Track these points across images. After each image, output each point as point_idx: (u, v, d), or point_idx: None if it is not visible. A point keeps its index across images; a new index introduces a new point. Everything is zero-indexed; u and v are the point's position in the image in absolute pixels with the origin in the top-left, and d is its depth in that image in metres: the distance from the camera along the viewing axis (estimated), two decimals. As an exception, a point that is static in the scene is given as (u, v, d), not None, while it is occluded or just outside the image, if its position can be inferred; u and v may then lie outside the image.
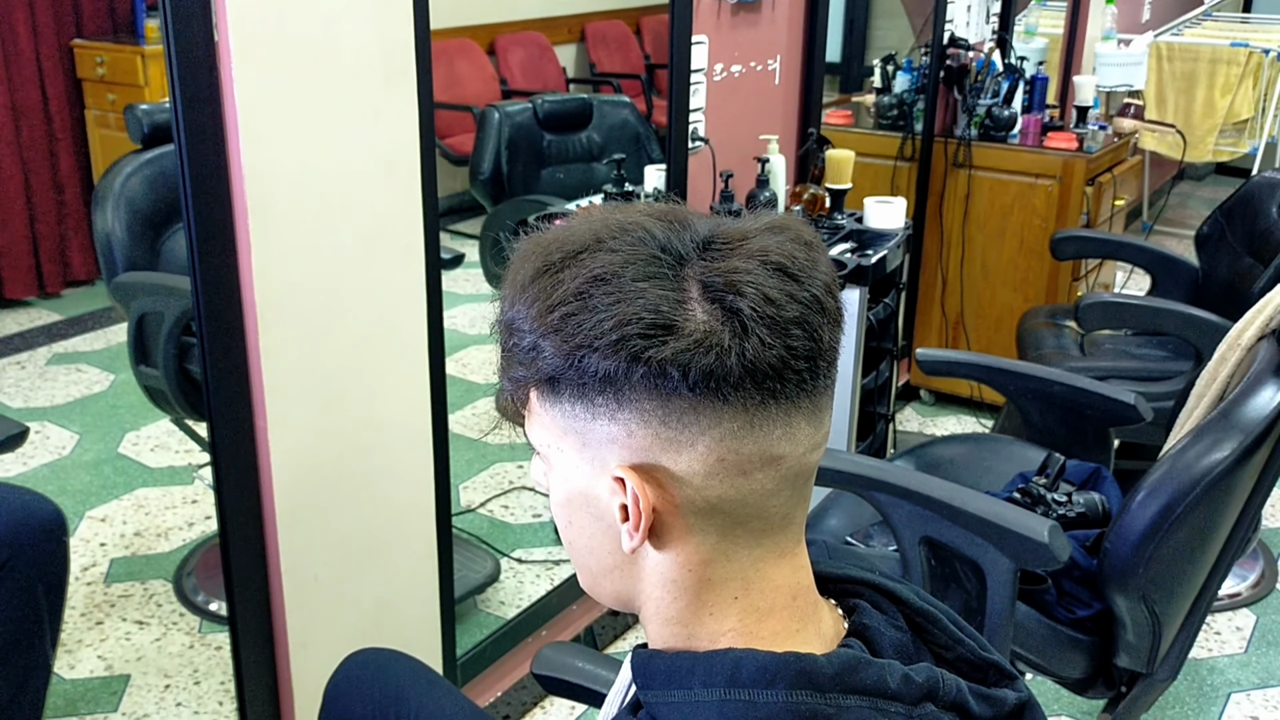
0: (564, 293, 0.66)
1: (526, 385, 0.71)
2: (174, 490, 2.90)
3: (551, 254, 0.68)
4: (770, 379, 0.66)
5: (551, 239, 0.70)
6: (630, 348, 0.65)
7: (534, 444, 0.74)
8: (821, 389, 0.69)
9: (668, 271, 0.66)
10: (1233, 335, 1.86)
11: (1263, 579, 2.85)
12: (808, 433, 0.70)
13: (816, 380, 0.69)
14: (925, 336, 3.77)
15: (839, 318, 0.70)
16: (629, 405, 0.67)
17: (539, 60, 4.75)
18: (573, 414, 0.69)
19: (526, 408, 0.73)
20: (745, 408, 0.66)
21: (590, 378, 0.67)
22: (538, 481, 0.77)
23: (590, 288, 0.66)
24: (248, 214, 1.50)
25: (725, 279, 0.66)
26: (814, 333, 0.67)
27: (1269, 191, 2.93)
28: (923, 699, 0.70)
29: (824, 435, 0.72)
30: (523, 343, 0.69)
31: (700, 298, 0.66)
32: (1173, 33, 5.52)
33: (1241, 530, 1.78)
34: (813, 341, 0.67)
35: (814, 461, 0.72)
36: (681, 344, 0.65)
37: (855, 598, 0.78)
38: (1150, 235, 5.47)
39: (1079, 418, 2.13)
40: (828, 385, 0.70)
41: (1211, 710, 2.41)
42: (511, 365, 0.71)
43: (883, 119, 3.67)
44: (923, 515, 1.63)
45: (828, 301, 0.69)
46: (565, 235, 0.70)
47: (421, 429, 1.86)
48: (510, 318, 0.70)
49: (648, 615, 0.74)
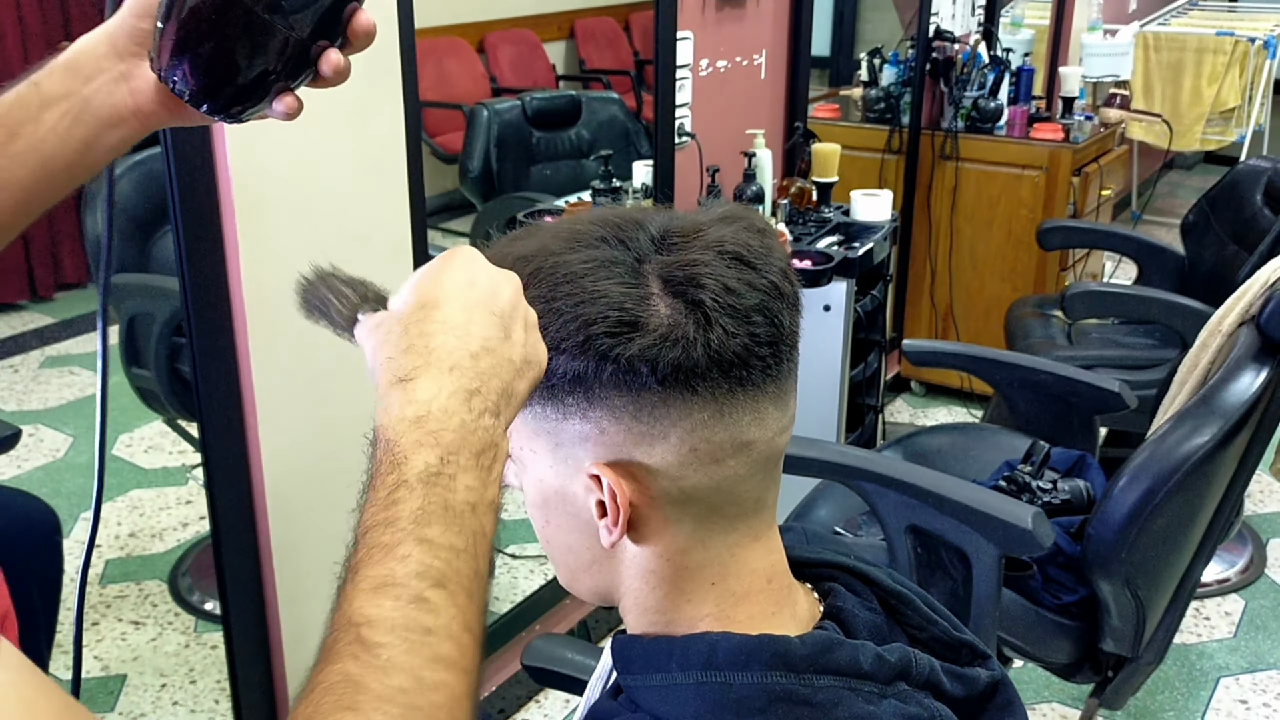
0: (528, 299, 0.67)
1: None
2: (168, 491, 2.91)
3: (507, 265, 0.69)
4: (736, 367, 0.68)
5: (506, 251, 0.71)
6: (598, 347, 0.66)
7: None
8: (786, 373, 0.71)
9: (627, 269, 0.68)
10: (1214, 322, 1.88)
11: (1251, 564, 2.88)
12: (775, 416, 0.71)
13: (780, 365, 0.70)
14: (915, 328, 3.79)
15: (796, 302, 0.72)
16: (599, 403, 0.68)
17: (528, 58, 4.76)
18: (543, 415, 0.70)
19: None
20: (714, 397, 0.68)
21: (560, 379, 0.68)
22: (510, 483, 0.77)
23: (552, 292, 0.68)
24: (235, 214, 1.51)
25: (685, 272, 0.67)
26: (774, 318, 0.69)
27: (1253, 179, 2.95)
28: (896, 678, 0.72)
29: (790, 418, 0.73)
30: None
31: (662, 292, 0.67)
32: (1159, 22, 5.53)
33: (1224, 515, 1.80)
34: (774, 327, 0.69)
35: (783, 444, 0.73)
36: (648, 339, 0.66)
37: (830, 581, 0.79)
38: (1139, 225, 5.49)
39: (1065, 406, 2.15)
40: (791, 369, 0.72)
41: (1201, 695, 2.43)
42: None
43: (870, 112, 3.69)
44: (909, 504, 1.65)
45: (785, 286, 0.70)
46: (519, 248, 0.71)
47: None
48: None
49: (627, 606, 0.75)
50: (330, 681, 0.52)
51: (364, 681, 0.52)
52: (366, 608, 0.54)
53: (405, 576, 0.55)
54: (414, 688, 0.52)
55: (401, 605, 0.54)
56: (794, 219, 2.83)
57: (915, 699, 0.71)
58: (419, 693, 0.52)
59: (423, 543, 0.56)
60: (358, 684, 0.52)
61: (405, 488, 0.57)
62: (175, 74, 0.71)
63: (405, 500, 0.57)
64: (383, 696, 0.52)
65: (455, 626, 0.55)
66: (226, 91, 0.72)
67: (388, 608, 0.54)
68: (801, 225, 2.81)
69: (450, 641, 0.55)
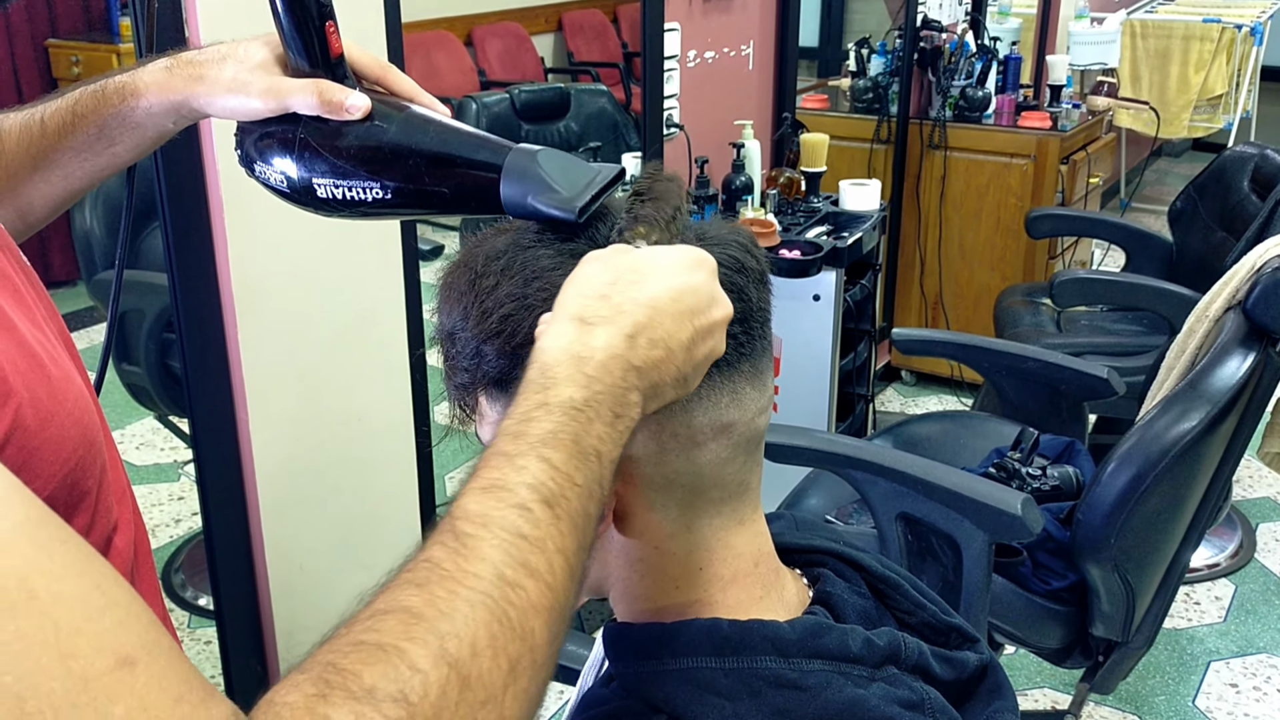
0: (499, 296, 0.68)
1: (474, 390, 0.72)
2: (160, 487, 2.91)
3: (478, 264, 0.70)
4: None
5: (476, 251, 0.72)
6: None
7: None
8: (760, 351, 0.72)
9: None
10: (1201, 307, 1.88)
11: (1240, 549, 2.89)
12: (753, 396, 0.72)
13: (754, 342, 0.71)
14: (905, 317, 3.80)
15: (764, 277, 0.72)
16: None
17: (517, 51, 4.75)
18: None
19: (476, 412, 0.74)
20: None
21: None
22: None
23: (523, 288, 0.68)
24: (223, 209, 1.51)
25: None
26: (741, 293, 0.70)
27: (1240, 166, 2.96)
28: (885, 662, 0.72)
29: (768, 398, 0.74)
30: (465, 350, 0.71)
31: None
32: (1146, 10, 5.54)
33: (1212, 499, 1.81)
34: (742, 302, 0.69)
35: (763, 425, 0.74)
36: None
37: (819, 567, 0.80)
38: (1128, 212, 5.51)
39: (1054, 393, 2.16)
40: (765, 347, 0.72)
41: (1191, 679, 2.45)
42: (456, 373, 0.72)
43: (858, 102, 3.69)
44: (899, 492, 1.65)
45: (748, 260, 0.71)
46: (487, 247, 0.71)
47: (402, 419, 1.88)
48: (450, 328, 0.72)
49: (616, 596, 0.76)
50: (415, 561, 0.53)
51: (442, 563, 0.52)
52: (469, 504, 0.55)
53: (517, 484, 0.55)
54: (490, 577, 0.52)
55: (504, 507, 0.54)
56: (783, 209, 2.83)
57: (904, 682, 0.72)
58: (494, 585, 0.52)
59: (544, 461, 0.56)
60: (435, 564, 0.52)
61: (544, 409, 0.58)
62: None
63: (540, 420, 0.58)
64: (454, 577, 0.51)
65: (550, 545, 0.55)
66: None
67: (490, 505, 0.54)
68: (790, 215, 2.82)
69: (541, 554, 0.54)
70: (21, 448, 0.60)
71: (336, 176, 0.76)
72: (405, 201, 0.76)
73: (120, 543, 0.74)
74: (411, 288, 1.81)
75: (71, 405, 0.66)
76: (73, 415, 0.65)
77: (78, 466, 0.66)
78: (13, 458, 0.59)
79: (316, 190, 0.77)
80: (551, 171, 0.71)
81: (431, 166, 0.74)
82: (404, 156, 0.74)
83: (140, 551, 0.78)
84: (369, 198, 0.76)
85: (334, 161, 0.76)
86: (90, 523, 0.69)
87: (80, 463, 0.66)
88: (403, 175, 0.74)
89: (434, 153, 0.74)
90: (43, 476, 0.62)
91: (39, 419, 0.62)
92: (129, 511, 0.77)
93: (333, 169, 0.76)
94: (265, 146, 0.79)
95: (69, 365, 0.70)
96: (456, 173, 0.74)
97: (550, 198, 0.70)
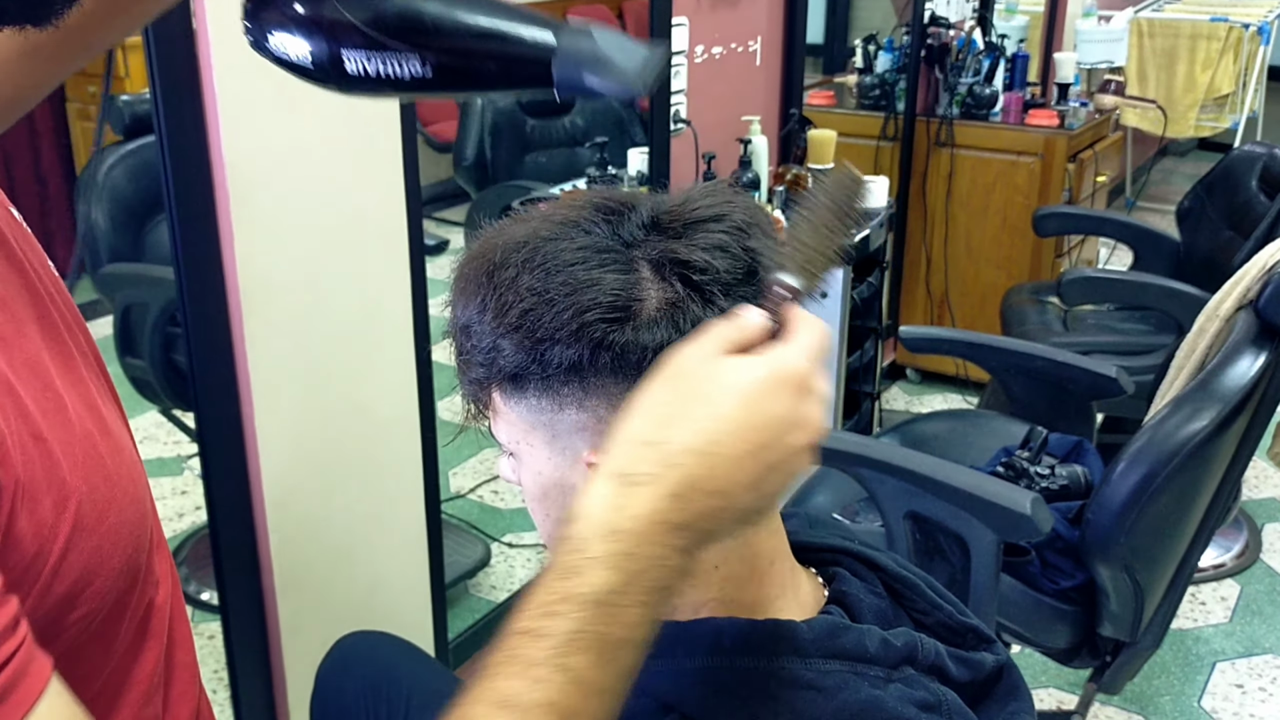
0: (519, 289, 0.67)
1: (488, 386, 0.71)
2: (163, 481, 2.90)
3: (496, 255, 0.69)
4: None
5: (494, 242, 0.70)
6: (592, 334, 0.66)
7: (502, 442, 0.74)
8: None
9: (618, 256, 0.67)
10: (1211, 306, 1.87)
11: (1246, 549, 2.88)
12: None
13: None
14: (911, 315, 3.79)
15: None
16: (595, 391, 0.67)
17: (522, 46, 4.74)
18: (539, 408, 0.69)
19: (490, 408, 0.73)
20: None
21: (555, 370, 0.67)
22: (507, 479, 0.77)
23: (544, 281, 0.67)
24: (229, 202, 1.50)
25: (673, 255, 0.67)
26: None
27: (1248, 165, 2.95)
28: (902, 662, 0.71)
29: None
30: (481, 344, 0.69)
31: (653, 277, 0.67)
32: (1153, 9, 5.53)
33: (1222, 499, 1.80)
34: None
35: None
36: (642, 324, 0.66)
37: (835, 566, 0.79)
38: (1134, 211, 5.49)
39: (1062, 392, 2.15)
40: None
41: (1197, 679, 2.44)
42: (471, 368, 0.71)
43: (865, 99, 3.68)
44: (907, 490, 1.65)
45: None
46: (505, 238, 0.70)
47: (409, 415, 1.87)
48: (465, 321, 0.70)
49: None
50: None
51: None
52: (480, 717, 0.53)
53: (530, 704, 0.53)
54: None
55: None
56: (789, 205, 2.82)
57: (921, 683, 0.71)
58: None
59: (564, 672, 0.53)
60: None
61: (568, 604, 0.55)
62: None
63: (565, 615, 0.54)
64: None
65: None
66: None
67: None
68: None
69: None
70: (82, 550, 0.58)
71: (370, 48, 0.66)
72: (445, 79, 0.67)
73: (159, 599, 0.72)
74: (418, 283, 1.80)
75: (127, 483, 0.63)
76: (129, 493, 0.63)
77: (135, 548, 0.64)
78: (75, 565, 0.57)
79: (345, 64, 0.67)
80: (609, 49, 0.65)
81: (478, 40, 0.66)
82: (447, 27, 0.66)
83: (175, 603, 0.76)
84: (406, 74, 0.67)
85: (368, 32, 0.66)
86: (140, 591, 0.67)
87: (136, 542, 0.64)
88: (445, 49, 0.66)
89: (480, 26, 0.66)
90: (103, 574, 0.60)
91: (97, 512, 0.59)
92: (165, 562, 0.75)
93: (366, 40, 0.66)
94: (285, 12, 0.69)
95: (120, 430, 0.67)
96: (507, 48, 0.66)
97: (612, 76, 0.64)
